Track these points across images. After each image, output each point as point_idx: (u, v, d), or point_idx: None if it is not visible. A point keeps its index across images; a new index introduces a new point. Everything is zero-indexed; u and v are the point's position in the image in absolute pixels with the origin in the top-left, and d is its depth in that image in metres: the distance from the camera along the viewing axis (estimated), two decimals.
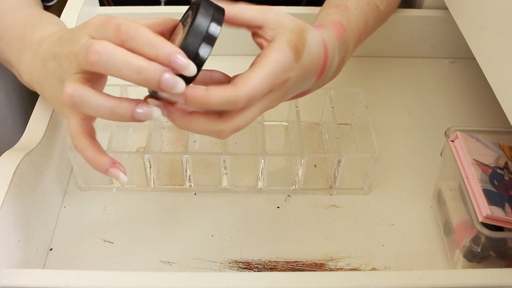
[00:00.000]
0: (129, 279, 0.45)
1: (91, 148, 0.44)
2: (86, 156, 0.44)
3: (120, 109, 0.42)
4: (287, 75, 0.46)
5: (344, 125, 0.69)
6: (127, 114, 0.42)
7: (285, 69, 0.45)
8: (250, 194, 0.61)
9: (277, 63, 0.44)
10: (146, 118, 0.42)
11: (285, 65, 0.45)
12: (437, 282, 0.46)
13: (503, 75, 0.49)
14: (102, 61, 0.40)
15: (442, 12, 0.76)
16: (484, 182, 0.51)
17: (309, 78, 0.49)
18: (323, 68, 0.50)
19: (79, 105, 0.41)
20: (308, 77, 0.49)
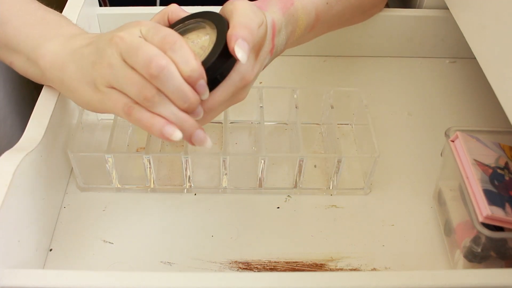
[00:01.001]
0: (129, 279, 0.45)
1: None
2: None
3: (188, 121, 0.45)
4: (253, 75, 0.49)
5: (344, 125, 0.69)
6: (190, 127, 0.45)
7: (251, 72, 0.48)
8: (250, 194, 0.61)
9: (242, 72, 0.47)
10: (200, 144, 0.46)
11: (250, 69, 0.48)
12: (437, 282, 0.46)
13: (503, 75, 0.49)
14: (161, 77, 0.43)
15: (442, 12, 0.76)
16: (484, 182, 0.51)
17: (265, 60, 0.52)
18: (272, 45, 0.52)
19: (165, 78, 0.43)
20: (265, 61, 0.52)
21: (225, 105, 0.49)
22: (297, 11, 0.56)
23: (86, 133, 0.63)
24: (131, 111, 0.45)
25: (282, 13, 0.53)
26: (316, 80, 0.76)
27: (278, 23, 0.53)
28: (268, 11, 0.52)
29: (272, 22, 0.51)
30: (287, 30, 0.55)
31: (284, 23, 0.54)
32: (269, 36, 0.51)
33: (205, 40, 0.47)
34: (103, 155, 0.57)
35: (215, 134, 0.67)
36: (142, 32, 0.45)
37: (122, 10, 0.75)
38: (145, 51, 0.43)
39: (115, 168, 0.59)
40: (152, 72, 0.42)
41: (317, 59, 0.79)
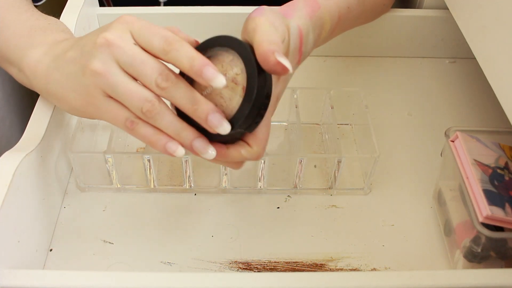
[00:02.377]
0: (129, 280, 0.45)
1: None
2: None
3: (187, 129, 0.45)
4: (277, 96, 0.48)
5: (344, 125, 0.69)
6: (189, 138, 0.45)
7: (275, 95, 0.48)
8: (250, 195, 0.61)
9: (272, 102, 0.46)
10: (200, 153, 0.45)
11: (274, 93, 0.47)
12: (437, 283, 0.46)
13: (503, 75, 0.49)
14: (170, 89, 0.43)
15: (442, 12, 0.76)
16: (484, 182, 0.51)
17: (294, 70, 0.51)
18: (300, 55, 0.51)
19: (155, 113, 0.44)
20: (290, 76, 0.51)
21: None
22: (323, 14, 0.55)
23: (86, 133, 0.63)
24: (134, 127, 0.45)
25: (309, 17, 0.52)
26: (316, 80, 0.76)
27: (305, 29, 0.51)
28: (294, 17, 0.51)
29: (299, 31, 0.50)
30: (314, 34, 0.53)
31: (312, 27, 0.53)
32: (296, 47, 0.50)
33: (235, 71, 0.45)
34: (103, 155, 0.57)
35: None
36: (134, 34, 0.44)
37: (123, 10, 0.75)
38: (151, 66, 0.43)
39: (115, 168, 0.59)
40: (163, 86, 0.43)
41: (317, 59, 0.79)
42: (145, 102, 0.43)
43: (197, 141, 0.45)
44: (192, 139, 0.45)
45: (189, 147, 0.45)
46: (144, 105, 0.43)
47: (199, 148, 0.45)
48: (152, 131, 0.45)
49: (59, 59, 0.49)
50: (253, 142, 0.46)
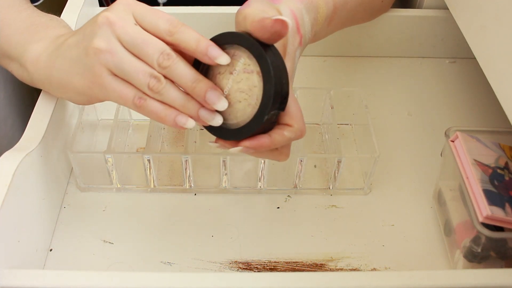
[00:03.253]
0: (129, 280, 0.45)
1: None
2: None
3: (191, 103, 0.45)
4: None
5: (344, 125, 0.69)
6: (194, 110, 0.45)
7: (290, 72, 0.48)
8: (250, 195, 0.61)
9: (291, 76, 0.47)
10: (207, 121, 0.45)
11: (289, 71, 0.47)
12: (437, 283, 0.46)
13: (503, 75, 0.49)
14: (172, 67, 0.44)
15: (442, 12, 0.76)
16: (484, 182, 0.51)
17: (296, 53, 0.51)
18: (300, 36, 0.51)
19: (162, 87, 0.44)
20: (295, 54, 0.51)
21: None
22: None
23: (86, 133, 0.63)
24: (143, 103, 0.45)
25: (300, 1, 0.53)
26: (316, 80, 0.76)
27: (298, 11, 0.52)
28: (283, 2, 0.51)
29: (292, 12, 0.51)
30: (310, 17, 0.54)
31: (305, 10, 0.53)
32: (294, 27, 0.50)
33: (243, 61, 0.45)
34: (103, 155, 0.57)
35: None
36: (136, 16, 0.45)
37: None
38: (153, 45, 0.44)
39: (115, 168, 0.59)
40: (164, 64, 0.43)
41: (317, 59, 0.79)
42: (151, 77, 0.44)
43: (203, 110, 0.45)
44: (198, 109, 0.45)
45: (196, 117, 0.45)
46: (151, 81, 0.44)
47: (205, 116, 0.45)
48: (161, 106, 0.45)
49: (61, 48, 0.49)
50: (290, 120, 0.46)
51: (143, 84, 0.44)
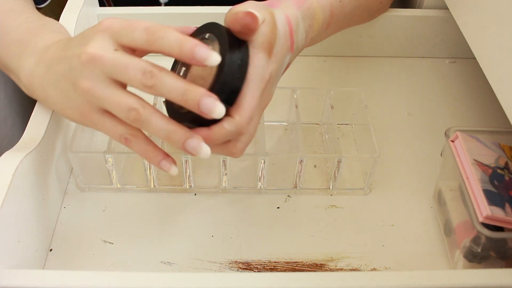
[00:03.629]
0: (129, 280, 0.45)
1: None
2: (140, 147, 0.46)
3: (178, 131, 0.44)
4: (268, 74, 0.48)
5: (344, 125, 0.69)
6: (180, 141, 0.44)
7: (265, 71, 0.47)
8: (250, 195, 0.61)
9: (258, 74, 0.46)
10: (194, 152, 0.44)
11: (264, 69, 0.47)
12: (437, 283, 0.46)
13: (503, 75, 0.49)
14: (157, 85, 0.42)
15: (442, 12, 0.76)
16: (484, 182, 0.51)
17: (285, 57, 0.51)
18: (292, 41, 0.51)
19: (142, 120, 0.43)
20: (284, 58, 0.51)
21: (258, 110, 0.48)
22: (313, 5, 0.55)
23: (86, 133, 0.63)
24: (128, 144, 0.46)
25: (297, 7, 0.53)
26: (316, 80, 0.76)
27: (294, 17, 0.52)
28: (280, 7, 0.51)
29: (286, 18, 0.51)
30: (305, 24, 0.54)
31: (301, 17, 0.53)
32: (286, 32, 0.50)
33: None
34: (103, 155, 0.57)
35: None
36: (115, 37, 0.44)
37: (123, 10, 0.75)
38: (133, 67, 0.42)
39: (115, 168, 0.59)
40: (149, 84, 0.42)
41: (317, 59, 0.79)
42: (129, 111, 0.43)
43: (189, 142, 0.44)
44: (184, 140, 0.44)
45: (182, 148, 0.44)
46: (130, 114, 0.43)
47: (191, 149, 0.44)
48: (147, 147, 0.46)
49: (50, 72, 0.48)
50: (234, 112, 0.45)
51: (126, 118, 0.44)
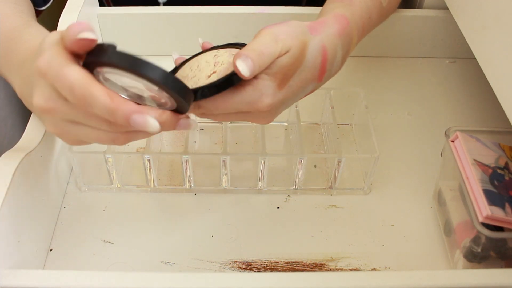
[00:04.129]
0: (129, 280, 0.45)
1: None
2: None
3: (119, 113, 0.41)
4: (268, 103, 0.47)
5: (344, 125, 0.69)
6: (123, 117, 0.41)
7: (266, 99, 0.47)
8: (250, 194, 0.61)
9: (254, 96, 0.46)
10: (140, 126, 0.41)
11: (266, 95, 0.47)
12: (437, 282, 0.46)
13: (503, 75, 0.49)
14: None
15: (442, 12, 0.76)
16: (484, 182, 0.51)
17: (306, 88, 0.51)
18: (322, 71, 0.51)
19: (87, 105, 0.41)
20: (304, 89, 0.50)
21: (231, 118, 0.48)
22: (352, 29, 0.55)
23: None
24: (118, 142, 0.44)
25: (339, 35, 0.52)
26: None
27: (332, 47, 0.51)
28: (321, 34, 0.50)
29: (322, 48, 0.50)
30: (343, 51, 0.53)
31: (340, 45, 0.52)
32: (316, 64, 0.50)
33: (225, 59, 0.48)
34: (103, 155, 0.57)
35: (216, 134, 0.67)
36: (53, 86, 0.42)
37: (122, 10, 0.75)
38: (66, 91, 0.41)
39: (115, 168, 0.59)
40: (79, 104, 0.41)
41: None
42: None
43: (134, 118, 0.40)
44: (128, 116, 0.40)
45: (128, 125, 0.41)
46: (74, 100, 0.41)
47: (137, 125, 0.41)
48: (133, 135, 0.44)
49: (27, 98, 0.49)
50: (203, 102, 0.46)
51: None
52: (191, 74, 0.48)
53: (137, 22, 0.75)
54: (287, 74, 0.48)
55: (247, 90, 0.46)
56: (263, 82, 0.46)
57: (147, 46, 0.77)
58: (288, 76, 0.48)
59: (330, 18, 0.53)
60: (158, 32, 0.76)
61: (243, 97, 0.46)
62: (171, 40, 0.77)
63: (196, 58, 0.50)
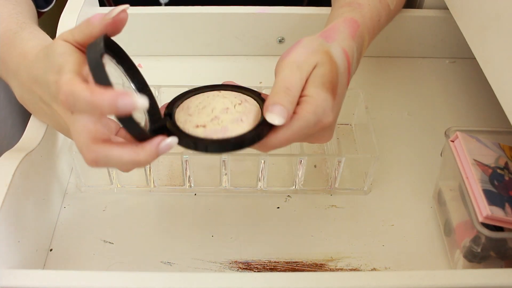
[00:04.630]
0: (129, 280, 0.45)
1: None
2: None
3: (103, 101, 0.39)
4: (330, 119, 0.46)
5: (344, 125, 0.69)
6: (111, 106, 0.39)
7: (327, 115, 0.46)
8: (250, 195, 0.61)
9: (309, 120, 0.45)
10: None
11: (325, 112, 0.46)
12: (437, 282, 0.46)
13: (503, 75, 0.49)
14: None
15: (442, 12, 0.76)
16: (484, 182, 0.51)
17: (345, 92, 0.51)
18: (349, 75, 0.51)
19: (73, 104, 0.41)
20: (345, 92, 0.51)
21: (301, 138, 0.48)
22: (363, 32, 0.55)
23: None
24: None
25: (352, 38, 0.52)
26: None
27: (350, 50, 0.51)
28: (337, 39, 0.51)
29: (344, 52, 0.50)
30: (358, 53, 0.54)
31: (355, 47, 0.53)
32: (345, 68, 0.50)
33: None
34: None
35: None
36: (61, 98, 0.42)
37: None
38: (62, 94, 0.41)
39: (115, 168, 0.59)
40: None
41: None
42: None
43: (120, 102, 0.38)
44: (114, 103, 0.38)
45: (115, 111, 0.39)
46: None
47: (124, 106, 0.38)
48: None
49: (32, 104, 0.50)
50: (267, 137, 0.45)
51: None
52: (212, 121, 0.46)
53: (137, 22, 0.75)
54: (332, 82, 0.47)
55: (308, 114, 0.45)
56: (318, 97, 0.45)
57: (147, 46, 0.77)
58: (334, 84, 0.47)
59: (340, 22, 0.53)
60: (158, 32, 0.76)
61: (309, 121, 0.45)
62: (171, 40, 0.77)
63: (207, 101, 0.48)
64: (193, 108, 0.47)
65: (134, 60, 0.49)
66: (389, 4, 0.63)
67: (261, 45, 0.78)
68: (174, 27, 0.75)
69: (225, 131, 0.44)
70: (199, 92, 0.49)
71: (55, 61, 0.44)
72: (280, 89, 0.45)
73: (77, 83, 0.40)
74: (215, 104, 0.46)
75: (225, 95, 0.48)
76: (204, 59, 0.78)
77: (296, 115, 0.45)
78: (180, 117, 0.47)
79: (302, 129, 0.45)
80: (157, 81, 0.64)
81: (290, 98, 0.44)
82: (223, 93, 0.48)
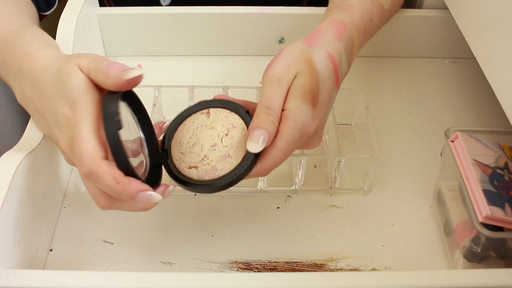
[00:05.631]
0: (129, 280, 0.45)
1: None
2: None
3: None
4: (313, 128, 0.48)
5: (344, 125, 0.69)
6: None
7: (308, 125, 0.48)
8: (250, 195, 0.61)
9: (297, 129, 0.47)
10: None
11: (306, 123, 0.48)
12: (437, 282, 0.46)
13: (503, 75, 0.49)
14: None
15: (442, 12, 0.76)
16: (484, 182, 0.51)
17: (334, 98, 0.52)
18: (337, 78, 0.52)
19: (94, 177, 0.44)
20: (333, 99, 0.51)
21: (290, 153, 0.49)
22: (351, 32, 0.55)
23: None
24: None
25: (338, 39, 0.52)
26: None
27: (336, 52, 0.51)
28: (320, 43, 0.51)
29: (329, 56, 0.50)
30: (347, 53, 0.54)
31: (343, 48, 0.53)
32: (331, 73, 0.50)
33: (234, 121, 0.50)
34: None
35: None
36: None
37: (122, 10, 0.75)
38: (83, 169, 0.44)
39: None
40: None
41: None
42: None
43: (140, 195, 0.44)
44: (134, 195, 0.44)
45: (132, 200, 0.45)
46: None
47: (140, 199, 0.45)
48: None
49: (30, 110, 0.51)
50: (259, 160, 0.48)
51: None
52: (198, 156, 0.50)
53: (137, 22, 0.75)
54: (312, 91, 0.48)
55: (290, 130, 0.47)
56: (297, 110, 0.47)
57: (147, 46, 0.77)
58: (314, 93, 0.48)
59: (325, 25, 0.54)
60: (158, 33, 0.76)
61: (292, 136, 0.47)
62: (171, 40, 0.77)
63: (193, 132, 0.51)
64: (184, 146, 0.50)
65: (134, 60, 0.49)
66: (383, 4, 0.63)
67: (261, 45, 0.78)
68: (174, 27, 0.75)
69: (215, 171, 0.48)
70: (192, 113, 0.52)
71: (70, 94, 0.45)
72: (261, 110, 0.47)
73: (103, 165, 0.43)
74: (204, 140, 0.50)
75: (212, 124, 0.50)
76: (204, 59, 0.78)
77: (279, 133, 0.47)
78: (175, 154, 0.51)
79: (288, 145, 0.47)
80: (157, 81, 0.64)
81: (271, 118, 0.46)
82: (212, 120, 0.51)
